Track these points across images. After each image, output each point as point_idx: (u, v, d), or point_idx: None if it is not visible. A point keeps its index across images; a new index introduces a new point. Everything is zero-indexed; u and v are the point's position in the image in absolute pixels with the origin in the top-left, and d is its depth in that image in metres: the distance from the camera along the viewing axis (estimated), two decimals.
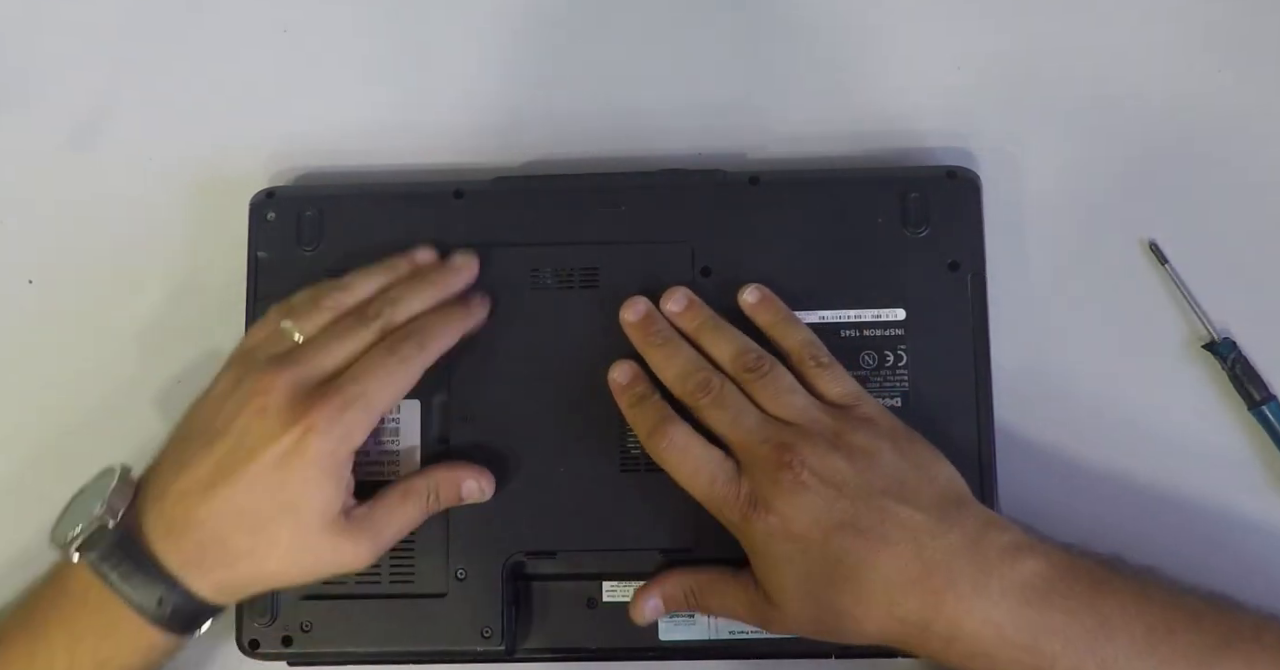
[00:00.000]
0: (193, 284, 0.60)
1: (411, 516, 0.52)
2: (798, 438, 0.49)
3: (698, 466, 0.50)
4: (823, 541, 0.48)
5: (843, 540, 0.48)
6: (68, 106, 0.62)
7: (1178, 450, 0.56)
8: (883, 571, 0.47)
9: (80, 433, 0.59)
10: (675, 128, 0.60)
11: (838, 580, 0.48)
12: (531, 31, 0.62)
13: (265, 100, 0.62)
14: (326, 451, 0.49)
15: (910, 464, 0.50)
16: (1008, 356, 0.55)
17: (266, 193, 0.58)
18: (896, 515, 0.48)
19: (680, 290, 0.54)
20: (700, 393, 0.51)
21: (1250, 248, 0.58)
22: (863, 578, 0.47)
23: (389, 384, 0.51)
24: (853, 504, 0.48)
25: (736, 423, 0.50)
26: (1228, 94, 0.59)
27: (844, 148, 0.59)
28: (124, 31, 0.63)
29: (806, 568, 0.48)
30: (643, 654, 0.54)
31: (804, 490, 0.48)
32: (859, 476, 0.48)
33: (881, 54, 0.60)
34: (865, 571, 0.47)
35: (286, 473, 0.49)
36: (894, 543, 0.47)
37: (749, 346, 0.53)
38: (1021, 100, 0.60)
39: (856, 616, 0.48)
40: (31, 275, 0.61)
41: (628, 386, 0.53)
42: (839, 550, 0.47)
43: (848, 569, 0.47)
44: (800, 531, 0.48)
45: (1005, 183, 0.58)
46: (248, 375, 0.51)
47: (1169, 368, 0.57)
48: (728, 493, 0.50)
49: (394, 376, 0.51)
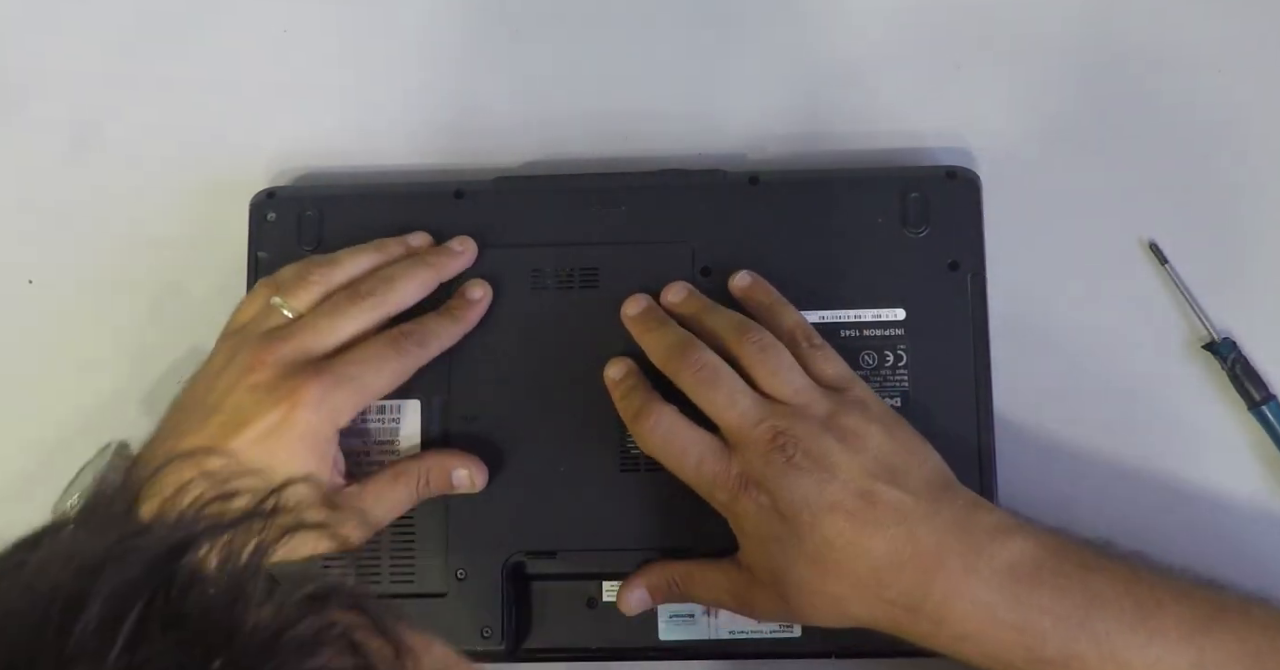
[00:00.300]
0: (192, 284, 0.60)
1: (402, 498, 0.53)
2: (792, 419, 0.49)
3: (685, 447, 0.50)
4: (812, 523, 0.48)
5: (834, 523, 0.47)
6: (68, 107, 0.62)
7: (1178, 450, 0.56)
8: (873, 554, 0.47)
9: (80, 432, 0.59)
10: (675, 128, 0.60)
11: (828, 563, 0.48)
12: (532, 31, 0.62)
13: (265, 100, 0.62)
14: (312, 427, 0.50)
15: (900, 447, 0.50)
16: (1008, 356, 0.55)
17: (266, 193, 0.58)
18: (887, 498, 0.48)
19: (680, 283, 0.55)
20: (691, 369, 0.51)
21: (1250, 248, 0.58)
22: (853, 561, 0.47)
23: (384, 373, 0.52)
24: (843, 487, 0.48)
25: (731, 403, 0.50)
26: (1228, 94, 0.59)
27: (844, 148, 0.59)
28: (124, 32, 0.63)
29: (796, 549, 0.48)
30: (643, 654, 0.54)
31: (796, 471, 0.48)
32: (851, 459, 0.48)
33: (881, 54, 0.60)
34: (855, 554, 0.47)
35: (274, 444, 0.49)
36: (884, 526, 0.47)
37: (749, 325, 0.52)
38: (1021, 100, 0.60)
39: (845, 599, 0.48)
40: (31, 275, 0.61)
41: (620, 381, 0.53)
42: (830, 533, 0.47)
43: (838, 552, 0.47)
44: (791, 512, 0.48)
45: (1005, 183, 0.58)
46: (240, 350, 0.51)
47: (1169, 368, 0.57)
48: (717, 472, 0.50)
49: (390, 367, 0.52)
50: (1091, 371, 0.57)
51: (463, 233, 0.56)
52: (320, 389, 0.50)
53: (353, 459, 0.55)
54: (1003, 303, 0.56)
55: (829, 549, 0.48)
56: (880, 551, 0.47)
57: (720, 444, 0.50)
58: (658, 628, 0.54)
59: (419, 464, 0.53)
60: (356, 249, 0.55)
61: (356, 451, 0.55)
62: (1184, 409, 0.57)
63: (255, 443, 0.49)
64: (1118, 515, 0.55)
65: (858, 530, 0.47)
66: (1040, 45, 0.60)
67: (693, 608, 0.54)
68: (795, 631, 0.53)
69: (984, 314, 0.55)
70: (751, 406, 0.50)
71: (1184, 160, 0.59)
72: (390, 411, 0.55)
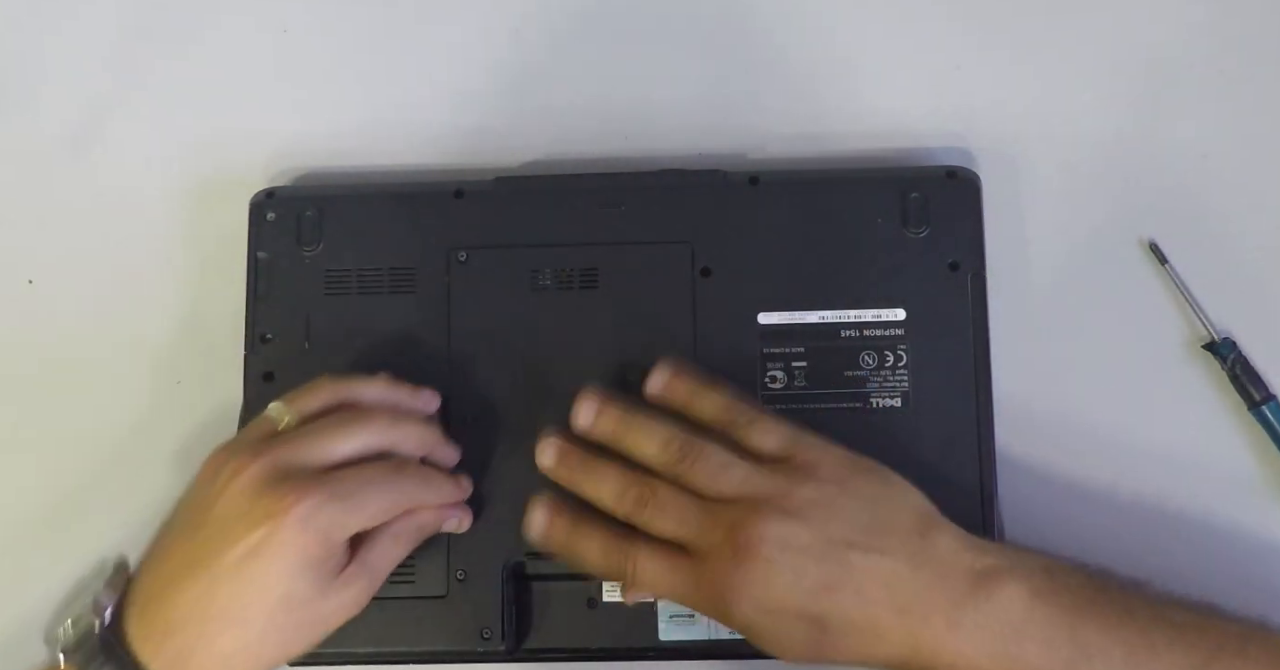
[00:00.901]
0: (192, 284, 0.60)
1: (402, 554, 0.51)
2: (746, 514, 0.48)
3: (669, 593, 0.50)
4: (799, 609, 0.47)
5: (820, 603, 0.47)
6: (68, 106, 0.62)
7: (1177, 450, 0.56)
8: (861, 624, 0.47)
9: (80, 433, 0.59)
10: (675, 128, 0.60)
11: (823, 638, 0.47)
12: (531, 31, 0.62)
13: (265, 100, 0.62)
14: (299, 546, 0.47)
15: (866, 503, 0.49)
16: (1008, 357, 0.55)
17: (266, 193, 0.58)
18: (865, 567, 0.47)
19: (585, 401, 0.52)
20: (639, 509, 0.50)
21: (1250, 248, 0.58)
22: (845, 632, 0.47)
23: (385, 499, 0.49)
24: (820, 565, 0.47)
25: (682, 523, 0.49)
26: (1227, 94, 0.59)
27: (844, 148, 0.59)
28: (124, 31, 0.63)
29: (791, 632, 0.48)
30: (643, 654, 0.54)
31: (770, 566, 0.47)
32: (819, 535, 0.47)
33: (881, 54, 0.60)
34: (846, 627, 0.47)
35: (264, 563, 0.46)
36: (868, 595, 0.47)
37: (671, 435, 0.50)
38: (1021, 100, 0.60)
39: (841, 661, 0.48)
40: (31, 275, 0.61)
41: (559, 525, 0.51)
42: (818, 613, 0.47)
43: (832, 627, 0.47)
44: (777, 607, 0.47)
45: (1005, 183, 0.58)
46: (231, 457, 0.49)
47: (1169, 368, 0.57)
48: (699, 597, 0.49)
49: (391, 496, 0.50)
50: (1091, 371, 0.57)
51: (462, 232, 0.57)
52: (311, 501, 0.47)
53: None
54: (1003, 303, 0.56)
55: (823, 625, 0.47)
56: (867, 620, 0.47)
57: (689, 564, 0.49)
58: (658, 628, 0.54)
59: (413, 522, 0.51)
60: (372, 381, 0.52)
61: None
62: (1184, 409, 0.57)
63: (240, 563, 0.46)
64: (1116, 516, 0.55)
65: (844, 605, 0.47)
66: (1040, 45, 0.60)
67: None
68: None
69: (984, 314, 0.55)
70: (702, 517, 0.49)
71: (1184, 160, 0.59)
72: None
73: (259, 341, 0.56)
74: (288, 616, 0.48)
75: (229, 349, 0.57)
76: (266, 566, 0.47)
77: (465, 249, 0.56)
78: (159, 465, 0.58)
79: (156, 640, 0.47)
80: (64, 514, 0.58)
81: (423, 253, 0.57)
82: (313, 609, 0.48)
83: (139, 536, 0.53)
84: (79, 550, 0.57)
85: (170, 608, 0.47)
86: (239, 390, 0.56)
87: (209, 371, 0.59)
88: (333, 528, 0.48)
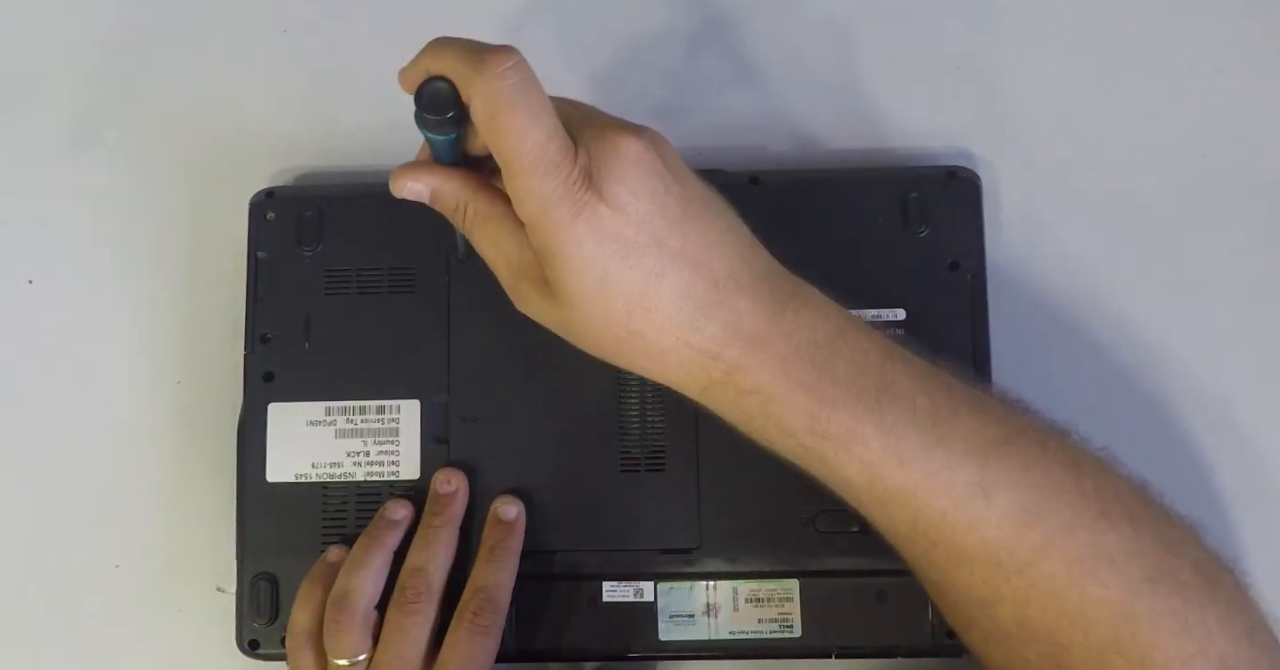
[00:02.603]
0: (192, 284, 0.60)
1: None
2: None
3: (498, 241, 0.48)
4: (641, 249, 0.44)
5: (657, 255, 0.44)
6: (68, 106, 0.62)
7: (1177, 450, 0.56)
8: (684, 290, 0.44)
9: (80, 433, 0.59)
10: (675, 128, 0.60)
11: (648, 301, 0.44)
12: (530, 31, 0.62)
13: (265, 100, 0.62)
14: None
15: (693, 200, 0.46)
16: (1008, 356, 0.55)
17: (266, 193, 0.58)
18: (707, 233, 0.45)
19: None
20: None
21: (1250, 248, 0.58)
22: (663, 296, 0.44)
23: (481, 660, 0.51)
24: (665, 222, 0.44)
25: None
26: (1228, 94, 0.59)
27: (844, 148, 0.59)
28: (124, 31, 0.63)
29: (615, 275, 0.44)
30: (643, 654, 0.54)
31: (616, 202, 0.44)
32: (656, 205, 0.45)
33: (881, 54, 0.60)
34: (666, 290, 0.44)
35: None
36: (702, 262, 0.44)
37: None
38: (1021, 100, 0.60)
39: (654, 339, 0.45)
40: (31, 275, 0.61)
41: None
42: (653, 265, 0.44)
43: (652, 288, 0.44)
44: (627, 233, 0.44)
45: (1005, 183, 0.58)
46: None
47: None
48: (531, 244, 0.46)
49: (485, 650, 0.51)
50: (1091, 371, 0.57)
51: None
52: None
53: (353, 458, 0.55)
54: (1003, 303, 0.56)
55: (646, 292, 0.44)
56: (695, 287, 0.44)
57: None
58: (658, 628, 0.54)
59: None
60: (351, 564, 0.52)
61: (356, 451, 0.55)
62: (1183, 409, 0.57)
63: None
64: None
65: (674, 263, 0.44)
66: (1040, 45, 0.60)
67: (693, 608, 0.54)
68: (795, 632, 0.53)
69: (984, 314, 0.55)
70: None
71: (1184, 160, 0.59)
72: (390, 411, 0.55)
73: (259, 341, 0.56)
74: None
75: (229, 349, 0.57)
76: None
77: (465, 249, 0.56)
78: (159, 465, 0.58)
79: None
80: (63, 514, 0.58)
81: (423, 253, 0.57)
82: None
83: (138, 537, 0.53)
84: (79, 550, 0.57)
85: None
86: (239, 390, 0.56)
87: (209, 371, 0.59)
88: None
